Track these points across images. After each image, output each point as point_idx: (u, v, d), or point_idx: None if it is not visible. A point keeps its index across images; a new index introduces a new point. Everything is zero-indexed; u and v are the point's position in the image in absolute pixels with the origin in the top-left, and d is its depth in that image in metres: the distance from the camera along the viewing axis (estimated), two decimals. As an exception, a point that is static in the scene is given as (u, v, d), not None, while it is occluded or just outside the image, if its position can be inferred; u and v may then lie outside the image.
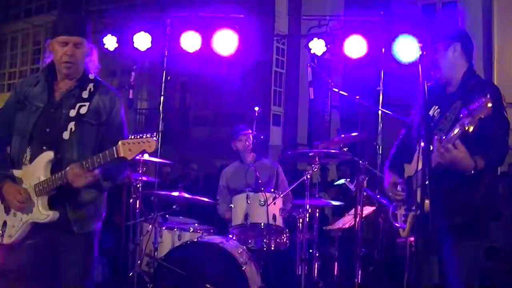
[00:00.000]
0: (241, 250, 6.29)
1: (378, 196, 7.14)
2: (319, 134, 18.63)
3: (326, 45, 9.55)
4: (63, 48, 4.02)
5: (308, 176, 6.54)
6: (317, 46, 9.53)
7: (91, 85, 4.14)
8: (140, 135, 3.74)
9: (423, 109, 3.60)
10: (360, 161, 6.75)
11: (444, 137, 3.70)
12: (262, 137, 7.46)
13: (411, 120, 4.50)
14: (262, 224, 6.43)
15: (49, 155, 3.93)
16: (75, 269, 4.03)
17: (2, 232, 4.03)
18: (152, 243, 6.61)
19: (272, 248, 6.58)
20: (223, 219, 7.25)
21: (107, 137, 4.07)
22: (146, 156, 6.93)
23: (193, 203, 7.12)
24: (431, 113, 4.15)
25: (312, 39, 9.59)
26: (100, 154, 3.77)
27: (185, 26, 9.65)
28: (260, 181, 6.66)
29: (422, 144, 3.55)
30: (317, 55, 9.77)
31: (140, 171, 6.89)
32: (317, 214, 6.91)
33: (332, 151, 6.87)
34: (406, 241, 6.27)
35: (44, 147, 3.96)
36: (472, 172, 3.73)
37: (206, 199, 6.96)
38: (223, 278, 6.00)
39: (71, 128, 3.98)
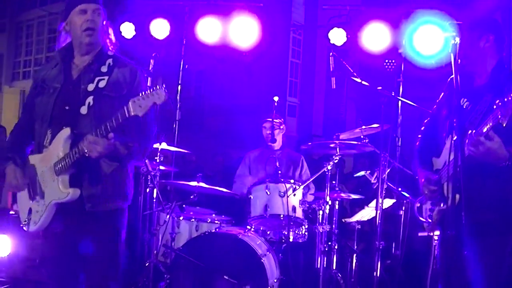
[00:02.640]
0: (260, 241, 6.22)
1: (399, 189, 7.04)
2: (335, 126, 18.52)
3: (346, 35, 9.46)
4: (83, 16, 3.94)
5: (329, 168, 6.45)
6: (337, 36, 9.42)
7: (109, 60, 4.05)
8: (145, 92, 3.62)
9: (456, 99, 3.48)
10: (382, 153, 6.63)
11: (474, 131, 3.59)
12: (282, 127, 7.37)
13: (435, 112, 4.39)
14: (282, 216, 6.34)
15: (66, 131, 3.84)
16: (97, 254, 3.90)
17: (28, 220, 3.96)
18: (169, 233, 6.55)
19: (291, 240, 6.50)
20: (242, 209, 7.17)
21: None
22: (164, 145, 6.87)
23: (211, 194, 7.04)
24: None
25: (331, 29, 9.49)
26: (113, 117, 3.66)
27: (203, 13, 9.57)
28: (280, 171, 6.57)
29: (455, 137, 3.44)
30: (334, 46, 9.67)
31: (157, 160, 6.83)
32: (337, 207, 6.82)
33: (354, 142, 6.77)
34: (428, 235, 6.17)
35: (64, 126, 3.87)
36: (507, 163, 3.61)
37: (224, 190, 6.88)
38: (241, 269, 5.93)
39: (89, 102, 3.88)
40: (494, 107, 3.41)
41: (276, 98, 6.95)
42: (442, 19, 8.08)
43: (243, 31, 9.46)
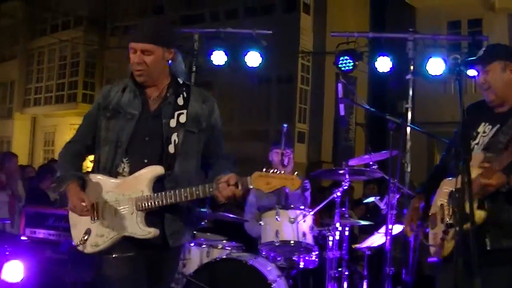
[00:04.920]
0: (270, 267, 6.22)
1: (409, 215, 7.05)
2: (344, 152, 18.58)
3: (354, 62, 9.54)
4: (133, 55, 3.82)
5: (338, 194, 6.50)
6: (346, 63, 9.52)
7: (183, 91, 3.95)
8: (277, 171, 3.55)
9: (462, 125, 3.50)
10: (391, 180, 6.67)
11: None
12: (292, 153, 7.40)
13: (451, 141, 4.38)
14: (292, 242, 6.37)
15: (156, 170, 3.76)
16: (164, 284, 3.97)
17: (83, 241, 3.80)
18: (180, 259, 6.56)
19: (301, 266, 6.53)
20: (251, 236, 7.20)
21: (208, 146, 3.97)
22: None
23: (221, 220, 7.08)
24: (480, 129, 3.99)
25: (341, 56, 9.58)
26: (228, 177, 3.61)
27: (213, 42, 9.71)
28: (289, 198, 6.61)
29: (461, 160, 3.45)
30: (342, 72, 9.78)
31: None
32: (347, 233, 6.85)
33: (363, 168, 6.82)
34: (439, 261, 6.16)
35: (146, 160, 3.79)
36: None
37: (234, 216, 6.93)
38: (252, 295, 5.95)
39: (174, 140, 3.80)
40: None
41: (285, 125, 7.00)
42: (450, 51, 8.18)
43: (252, 58, 9.57)
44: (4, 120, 30.63)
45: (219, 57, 9.60)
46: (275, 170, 3.54)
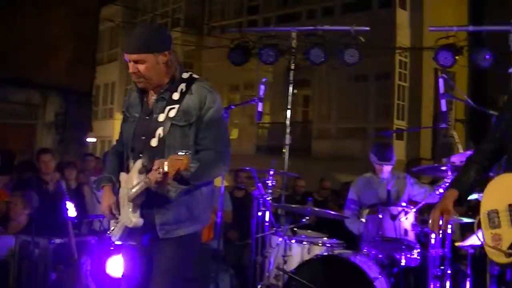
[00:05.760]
0: (371, 264, 6.21)
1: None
2: (443, 148, 18.24)
3: (454, 57, 9.39)
4: (129, 64, 3.94)
5: (441, 191, 6.40)
6: (445, 58, 9.37)
7: (182, 85, 4.00)
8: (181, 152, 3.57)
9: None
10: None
11: None
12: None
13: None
14: (393, 239, 6.34)
15: (139, 163, 3.92)
16: (162, 278, 3.97)
17: (111, 231, 4.12)
18: (281, 255, 6.62)
19: (403, 264, 6.46)
20: (352, 233, 7.19)
21: (197, 139, 3.97)
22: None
23: (322, 217, 7.11)
24: None
25: (440, 51, 9.44)
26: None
27: (310, 39, 9.74)
28: (391, 195, 6.57)
29: None
30: (442, 67, 9.64)
31: (270, 184, 6.98)
32: (449, 230, 6.73)
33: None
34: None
35: (141, 155, 3.96)
36: None
37: (335, 213, 6.94)
38: (353, 293, 5.94)
39: (159, 134, 3.90)
40: None
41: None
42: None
43: (350, 55, 9.56)
44: (105, 120, 31.61)
45: (317, 55, 9.62)
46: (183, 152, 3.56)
